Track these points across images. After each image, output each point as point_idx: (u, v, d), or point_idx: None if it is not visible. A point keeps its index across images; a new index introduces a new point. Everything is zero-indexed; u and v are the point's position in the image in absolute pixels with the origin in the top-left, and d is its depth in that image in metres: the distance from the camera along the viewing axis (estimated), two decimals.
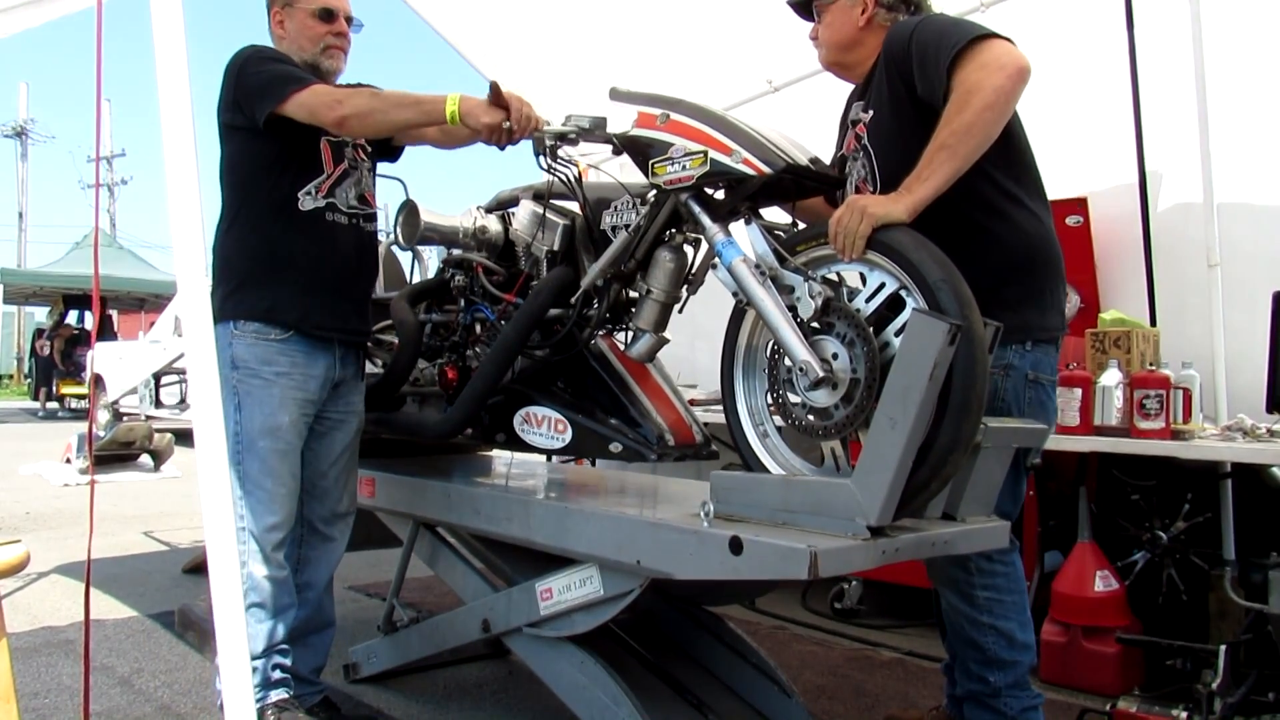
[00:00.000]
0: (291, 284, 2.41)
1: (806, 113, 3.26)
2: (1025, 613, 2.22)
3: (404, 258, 3.37)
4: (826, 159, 2.23)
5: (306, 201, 2.44)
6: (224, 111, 2.43)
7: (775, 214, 2.26)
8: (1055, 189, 3.67)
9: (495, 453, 3.33)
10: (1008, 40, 1.96)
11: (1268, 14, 3.40)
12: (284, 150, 2.41)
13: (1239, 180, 3.37)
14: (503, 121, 2.21)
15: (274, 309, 2.40)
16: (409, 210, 2.76)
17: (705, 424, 2.46)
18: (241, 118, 2.38)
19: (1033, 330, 2.13)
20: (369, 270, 2.64)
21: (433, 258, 3.18)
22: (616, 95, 2.20)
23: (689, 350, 4.33)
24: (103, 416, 10.66)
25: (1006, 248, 2.10)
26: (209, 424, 1.60)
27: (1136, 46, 3.50)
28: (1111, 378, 2.99)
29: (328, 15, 2.51)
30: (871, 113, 2.20)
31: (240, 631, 1.54)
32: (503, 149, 2.31)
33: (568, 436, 2.40)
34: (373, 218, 2.62)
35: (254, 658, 2.32)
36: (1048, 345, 2.18)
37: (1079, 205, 3.69)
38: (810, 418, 1.93)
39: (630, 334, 2.33)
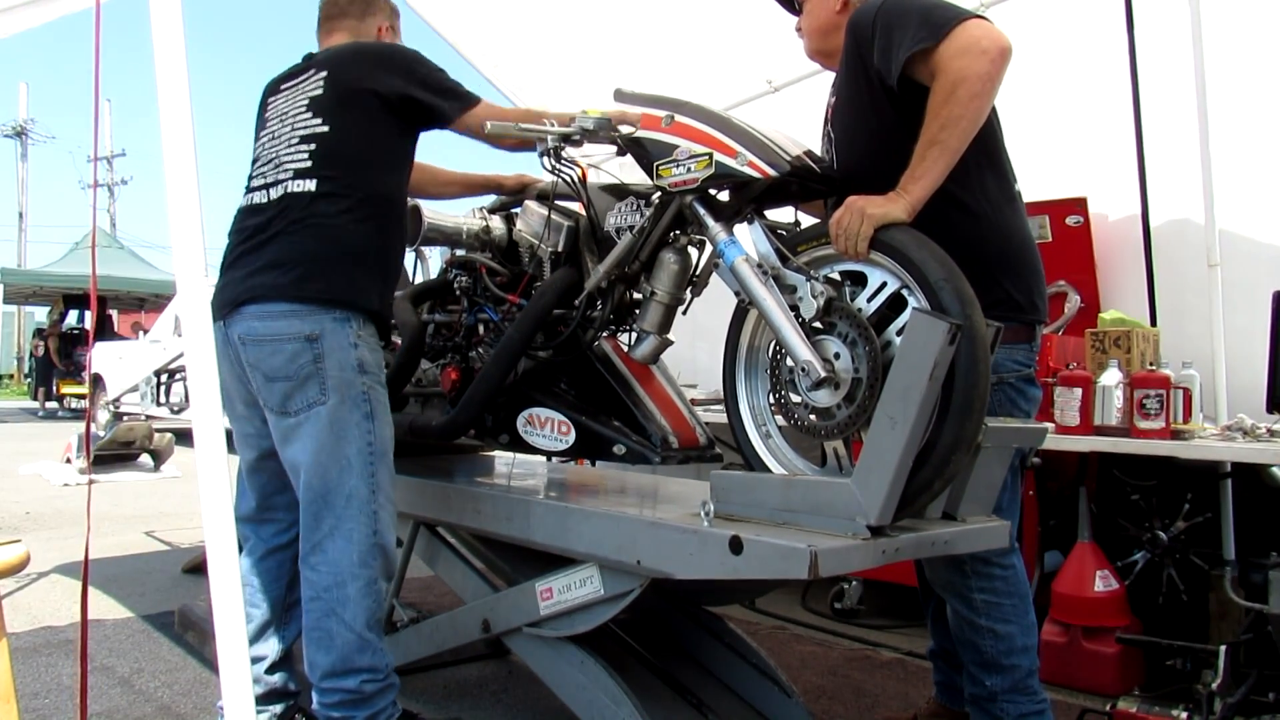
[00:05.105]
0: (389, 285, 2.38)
1: (806, 113, 3.26)
2: (1027, 617, 2.20)
3: (406, 258, 3.37)
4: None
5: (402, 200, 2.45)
6: (396, 88, 2.25)
7: (779, 212, 2.26)
8: (1055, 189, 3.71)
9: (495, 452, 3.33)
10: (983, 19, 1.91)
11: (1268, 14, 3.41)
12: (412, 146, 2.43)
13: (1239, 180, 3.37)
14: None
15: (384, 310, 2.34)
16: (412, 211, 2.76)
17: (706, 423, 2.46)
18: (407, 102, 2.27)
19: None
20: None
21: (435, 258, 3.18)
22: (621, 97, 2.20)
23: (689, 349, 4.33)
24: (102, 416, 10.63)
25: (953, 238, 1.91)
26: (209, 424, 1.60)
27: (1136, 47, 3.51)
28: (1111, 377, 2.98)
29: None
30: (835, 96, 2.19)
31: (240, 631, 1.54)
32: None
33: (571, 438, 2.40)
34: None
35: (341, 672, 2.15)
36: (1008, 345, 2.08)
37: (1079, 205, 3.70)
38: (812, 418, 1.93)
39: (634, 335, 2.33)
